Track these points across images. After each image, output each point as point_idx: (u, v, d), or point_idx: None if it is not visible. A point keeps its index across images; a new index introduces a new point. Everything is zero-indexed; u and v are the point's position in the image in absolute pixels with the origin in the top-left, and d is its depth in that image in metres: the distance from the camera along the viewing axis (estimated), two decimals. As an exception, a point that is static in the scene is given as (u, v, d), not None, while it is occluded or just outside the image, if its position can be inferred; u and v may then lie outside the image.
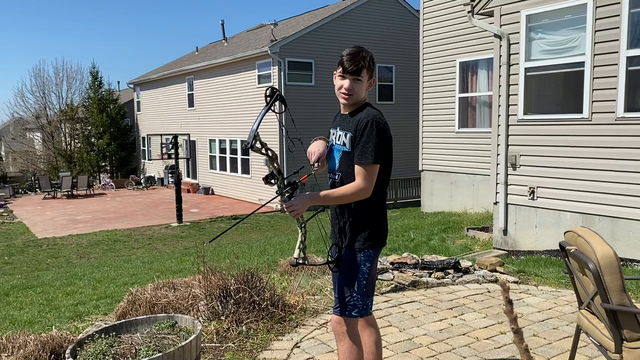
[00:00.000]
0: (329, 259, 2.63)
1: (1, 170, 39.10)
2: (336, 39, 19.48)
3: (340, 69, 2.51)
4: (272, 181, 2.51)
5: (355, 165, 2.45)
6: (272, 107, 2.52)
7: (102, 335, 2.83)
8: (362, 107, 2.54)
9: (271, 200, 2.87)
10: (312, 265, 2.64)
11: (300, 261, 2.55)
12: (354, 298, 2.55)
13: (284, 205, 2.47)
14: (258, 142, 2.48)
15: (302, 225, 2.58)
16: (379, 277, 4.99)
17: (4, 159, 45.94)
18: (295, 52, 19.14)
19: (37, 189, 27.71)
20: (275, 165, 2.52)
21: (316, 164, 2.65)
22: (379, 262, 5.36)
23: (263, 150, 2.50)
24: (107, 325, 3.07)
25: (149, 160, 29.33)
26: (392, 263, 5.39)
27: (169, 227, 16.17)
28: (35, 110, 35.89)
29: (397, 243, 8.07)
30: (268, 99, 2.51)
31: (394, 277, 5.00)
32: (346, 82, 2.50)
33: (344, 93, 2.52)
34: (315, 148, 2.68)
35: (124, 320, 3.10)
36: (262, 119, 2.48)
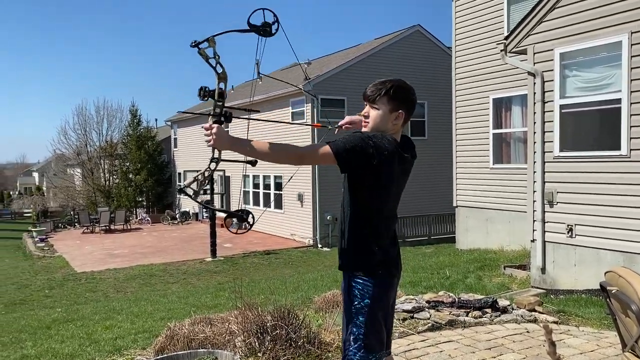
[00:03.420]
0: (241, 215, 2.39)
1: (43, 205, 40.45)
2: (368, 76, 19.66)
3: None
4: (202, 94, 2.29)
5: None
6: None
7: (145, 370, 2.91)
8: None
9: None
10: (202, 204, 2.45)
11: (190, 192, 2.35)
12: (351, 352, 2.27)
13: (204, 127, 2.25)
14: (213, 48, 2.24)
15: (213, 160, 2.41)
16: (415, 315, 4.95)
17: (45, 194, 47.53)
18: (327, 89, 19.48)
19: (77, 224, 28.47)
20: (220, 86, 2.32)
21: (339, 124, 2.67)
22: (414, 301, 5.32)
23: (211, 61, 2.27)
24: (149, 360, 3.15)
25: (184, 195, 29.89)
26: (428, 301, 5.35)
27: (203, 261, 16.35)
28: (77, 147, 37.16)
29: (432, 281, 7.98)
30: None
31: (430, 315, 4.96)
32: (365, 109, 2.43)
33: (363, 119, 2.45)
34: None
35: (165, 355, 3.18)
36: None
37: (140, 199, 33.61)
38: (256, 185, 23.32)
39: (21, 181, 74.31)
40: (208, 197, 20.75)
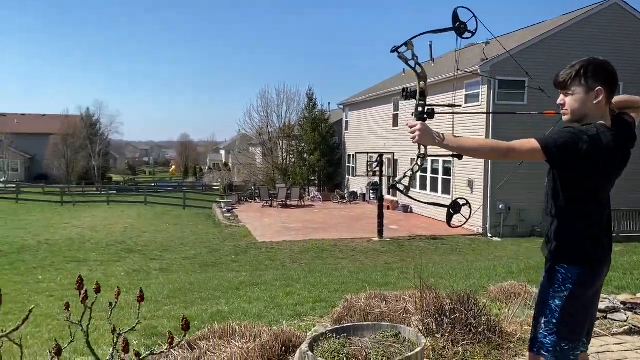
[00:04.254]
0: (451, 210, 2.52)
1: (228, 180, 44.78)
2: (554, 56, 18.04)
3: None
4: (405, 95, 2.58)
5: None
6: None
7: (334, 335, 3.10)
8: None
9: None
10: (411, 198, 2.94)
11: (400, 187, 2.61)
12: (541, 334, 2.24)
13: (409, 124, 2.39)
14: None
15: (419, 156, 2.59)
16: (609, 316, 4.53)
17: (231, 169, 52.57)
18: (506, 70, 18.38)
19: (257, 198, 31.02)
20: (421, 85, 2.57)
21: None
22: (607, 300, 4.86)
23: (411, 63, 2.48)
24: (337, 327, 3.34)
25: (354, 176, 30.79)
26: (623, 302, 4.85)
27: (371, 241, 16.75)
28: (259, 128, 40.27)
29: (624, 281, 7.18)
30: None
31: (627, 318, 4.50)
32: (559, 98, 2.33)
33: (561, 109, 2.34)
34: None
35: (350, 324, 3.35)
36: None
37: (313, 178, 35.43)
38: (423, 170, 23.08)
39: (211, 157, 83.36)
40: (377, 179, 21.07)
